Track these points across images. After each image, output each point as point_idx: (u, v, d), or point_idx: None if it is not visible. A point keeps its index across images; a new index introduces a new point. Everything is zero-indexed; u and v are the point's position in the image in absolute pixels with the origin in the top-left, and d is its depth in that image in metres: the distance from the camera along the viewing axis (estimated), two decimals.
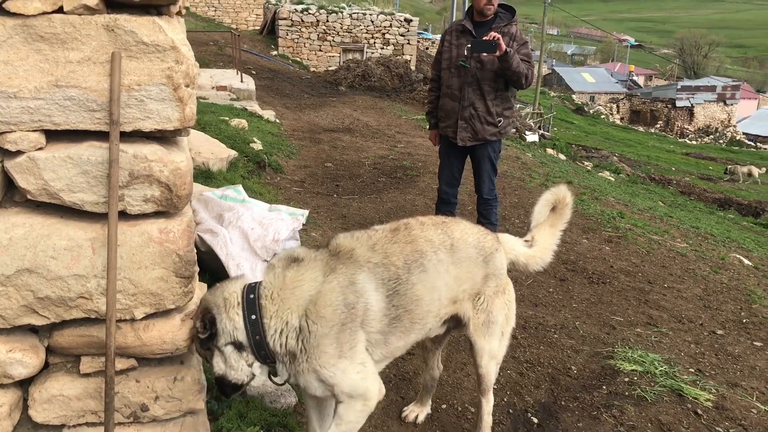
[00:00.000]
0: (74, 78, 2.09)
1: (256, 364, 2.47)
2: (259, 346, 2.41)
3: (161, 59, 2.14)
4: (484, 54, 4.85)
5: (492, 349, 2.96)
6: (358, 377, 2.47)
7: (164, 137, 2.31)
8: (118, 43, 2.10)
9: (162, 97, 2.17)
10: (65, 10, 2.04)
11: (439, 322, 2.83)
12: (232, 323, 2.41)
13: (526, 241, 3.23)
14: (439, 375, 3.42)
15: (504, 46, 4.75)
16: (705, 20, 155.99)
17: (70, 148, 2.15)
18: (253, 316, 2.40)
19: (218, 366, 2.45)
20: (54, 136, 2.16)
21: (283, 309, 2.41)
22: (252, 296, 2.43)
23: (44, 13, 2.04)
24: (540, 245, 3.23)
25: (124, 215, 2.24)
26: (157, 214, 2.30)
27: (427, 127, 5.58)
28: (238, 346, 2.42)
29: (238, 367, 2.44)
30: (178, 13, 2.47)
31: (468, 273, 2.82)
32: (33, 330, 2.32)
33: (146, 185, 2.22)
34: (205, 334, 2.37)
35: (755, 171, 27.56)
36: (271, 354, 2.44)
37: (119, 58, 2.09)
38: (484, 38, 4.78)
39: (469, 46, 4.91)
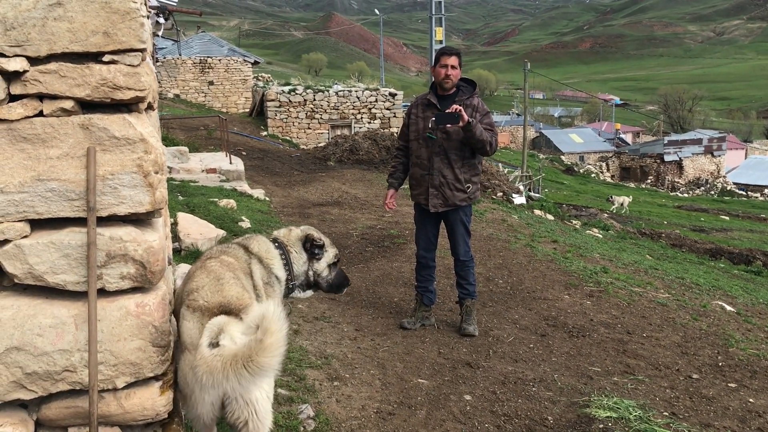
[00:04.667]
0: (54, 172, 2.35)
1: None
2: None
3: (132, 150, 2.41)
4: (449, 125, 5.16)
5: None
6: None
7: (138, 219, 2.55)
8: (93, 138, 2.37)
9: (134, 184, 2.43)
10: (45, 113, 2.32)
11: None
12: None
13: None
14: None
15: (467, 117, 5.07)
16: (686, 76, 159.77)
17: (52, 234, 2.40)
18: None
19: None
20: (37, 223, 2.40)
21: None
22: None
23: (26, 117, 2.32)
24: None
25: (103, 292, 2.47)
26: (133, 290, 2.52)
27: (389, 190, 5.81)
28: None
29: None
30: (149, 108, 2.76)
31: None
32: (22, 405, 2.50)
33: (122, 264, 2.45)
34: None
35: (627, 201, 31.59)
36: None
37: (94, 152, 2.35)
38: (447, 111, 5.11)
39: (434, 118, 5.23)
